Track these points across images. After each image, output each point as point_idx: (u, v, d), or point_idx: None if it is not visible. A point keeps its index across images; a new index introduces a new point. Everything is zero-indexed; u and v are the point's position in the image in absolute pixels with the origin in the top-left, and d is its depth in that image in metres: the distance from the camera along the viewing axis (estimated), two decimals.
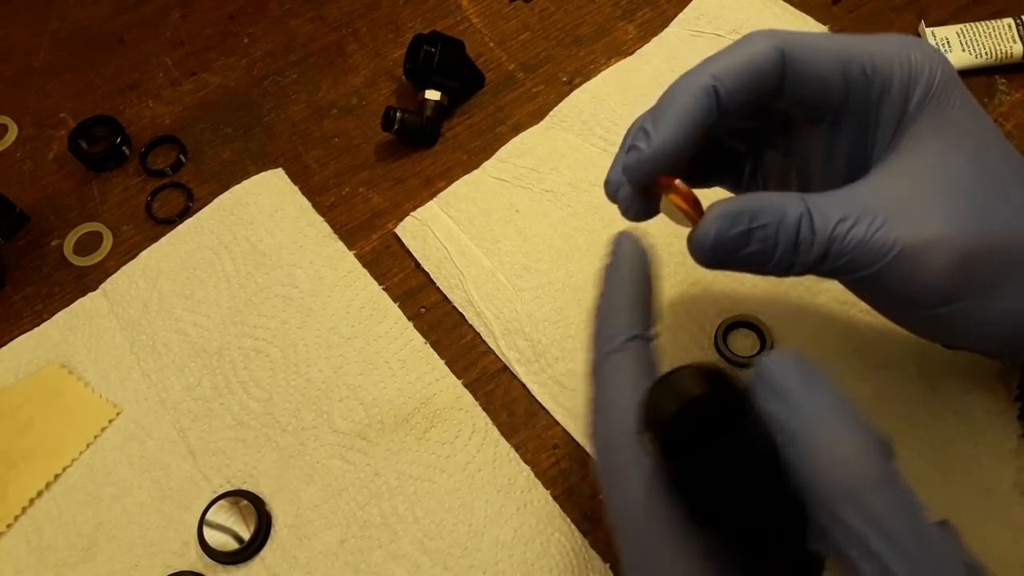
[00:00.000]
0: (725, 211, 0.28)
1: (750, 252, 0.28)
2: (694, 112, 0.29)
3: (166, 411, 0.45)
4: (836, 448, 0.22)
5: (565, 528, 0.40)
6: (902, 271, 0.28)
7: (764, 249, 0.28)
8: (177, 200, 0.53)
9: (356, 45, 0.58)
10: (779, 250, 0.28)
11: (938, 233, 0.27)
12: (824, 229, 0.28)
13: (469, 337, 0.46)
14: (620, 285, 0.29)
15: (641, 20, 0.57)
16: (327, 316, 0.46)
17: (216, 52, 0.59)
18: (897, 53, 0.29)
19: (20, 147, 0.56)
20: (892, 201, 0.28)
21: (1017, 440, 0.39)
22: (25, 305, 0.50)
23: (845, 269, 0.28)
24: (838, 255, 0.28)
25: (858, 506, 0.22)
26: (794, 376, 0.24)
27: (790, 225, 0.28)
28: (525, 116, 0.53)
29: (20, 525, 0.42)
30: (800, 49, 0.30)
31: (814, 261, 0.28)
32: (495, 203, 0.50)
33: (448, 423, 0.43)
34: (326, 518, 0.41)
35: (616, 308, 0.28)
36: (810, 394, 0.23)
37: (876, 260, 0.28)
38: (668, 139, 0.29)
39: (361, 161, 0.53)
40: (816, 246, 0.28)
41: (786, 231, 0.28)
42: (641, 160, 0.30)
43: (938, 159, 0.29)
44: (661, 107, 0.30)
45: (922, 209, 0.28)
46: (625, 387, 0.27)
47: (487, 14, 0.59)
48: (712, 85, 0.29)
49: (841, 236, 0.28)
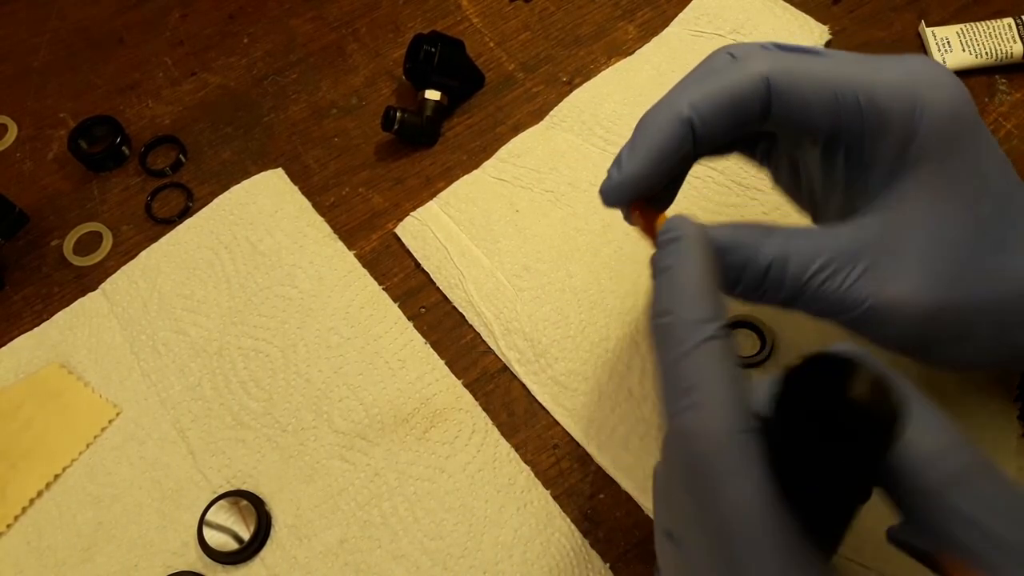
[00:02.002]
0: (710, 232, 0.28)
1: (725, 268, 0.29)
2: (666, 144, 0.30)
3: (166, 411, 0.45)
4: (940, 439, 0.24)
5: (565, 528, 0.40)
6: (871, 323, 0.28)
7: (725, 283, 0.28)
8: (177, 200, 0.53)
9: (356, 45, 0.58)
10: (742, 285, 0.28)
11: (911, 293, 0.27)
12: (799, 277, 0.28)
13: (469, 337, 0.46)
14: (697, 265, 0.27)
15: (641, 20, 0.57)
16: (327, 316, 0.46)
17: (216, 52, 0.59)
18: (904, 87, 0.28)
19: (20, 147, 0.56)
20: (875, 251, 0.28)
21: (1017, 440, 0.39)
22: (25, 305, 0.50)
23: (814, 312, 0.29)
24: (809, 302, 0.28)
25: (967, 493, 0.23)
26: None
27: (759, 266, 0.28)
28: (525, 116, 0.53)
29: (20, 525, 0.42)
30: (789, 78, 0.29)
31: (784, 302, 0.29)
32: (495, 203, 0.50)
33: (448, 423, 0.43)
34: (326, 518, 0.41)
35: (698, 290, 0.26)
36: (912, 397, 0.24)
37: (846, 311, 0.28)
38: (636, 171, 0.30)
39: (361, 161, 0.53)
40: (786, 291, 0.28)
41: (753, 271, 0.28)
42: (611, 187, 0.31)
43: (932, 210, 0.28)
44: (636, 137, 0.31)
45: (902, 265, 0.28)
46: (726, 379, 0.24)
47: (487, 14, 0.59)
48: (688, 117, 0.29)
49: (815, 287, 0.28)
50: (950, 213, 0.28)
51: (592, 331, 0.45)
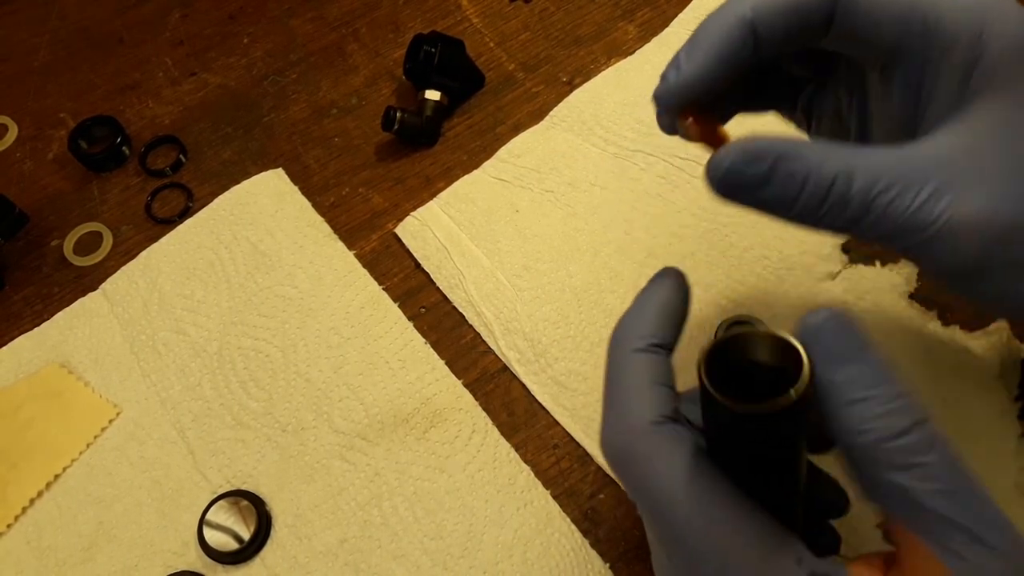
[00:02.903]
0: (747, 147, 0.26)
1: (768, 194, 0.26)
2: (727, 47, 0.28)
3: (166, 411, 0.45)
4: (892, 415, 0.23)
5: (565, 528, 0.40)
6: (937, 246, 0.26)
7: (785, 195, 0.26)
8: (177, 200, 0.53)
9: (356, 45, 0.58)
10: (803, 200, 0.26)
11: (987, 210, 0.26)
12: (865, 195, 0.26)
13: (469, 337, 0.46)
14: (657, 297, 0.29)
15: (641, 20, 0.57)
16: (327, 316, 0.46)
17: (216, 52, 0.59)
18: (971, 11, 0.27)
19: (20, 147, 0.56)
20: (947, 169, 0.26)
21: (1017, 440, 0.39)
22: (25, 305, 0.50)
23: (875, 237, 0.27)
24: (874, 225, 0.26)
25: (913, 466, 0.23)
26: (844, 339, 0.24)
27: (823, 179, 0.26)
28: (525, 116, 0.53)
29: (20, 525, 0.42)
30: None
31: (845, 223, 0.26)
32: (495, 203, 0.50)
33: (448, 423, 0.43)
34: (326, 518, 0.41)
35: (648, 316, 0.29)
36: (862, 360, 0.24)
37: (914, 232, 0.26)
38: (696, 72, 0.28)
39: (361, 161, 0.53)
40: (850, 210, 0.26)
41: (816, 183, 0.26)
42: (669, 89, 0.29)
43: (1002, 131, 0.27)
44: (695, 38, 0.29)
45: (976, 183, 0.26)
46: (648, 383, 0.27)
47: (487, 14, 0.59)
48: (750, 19, 0.28)
49: (882, 206, 0.26)
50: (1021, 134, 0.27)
51: (592, 331, 0.45)
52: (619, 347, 0.29)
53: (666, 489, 0.25)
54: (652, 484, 0.26)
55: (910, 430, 0.23)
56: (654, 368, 0.27)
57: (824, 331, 0.24)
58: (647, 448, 0.26)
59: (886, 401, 0.23)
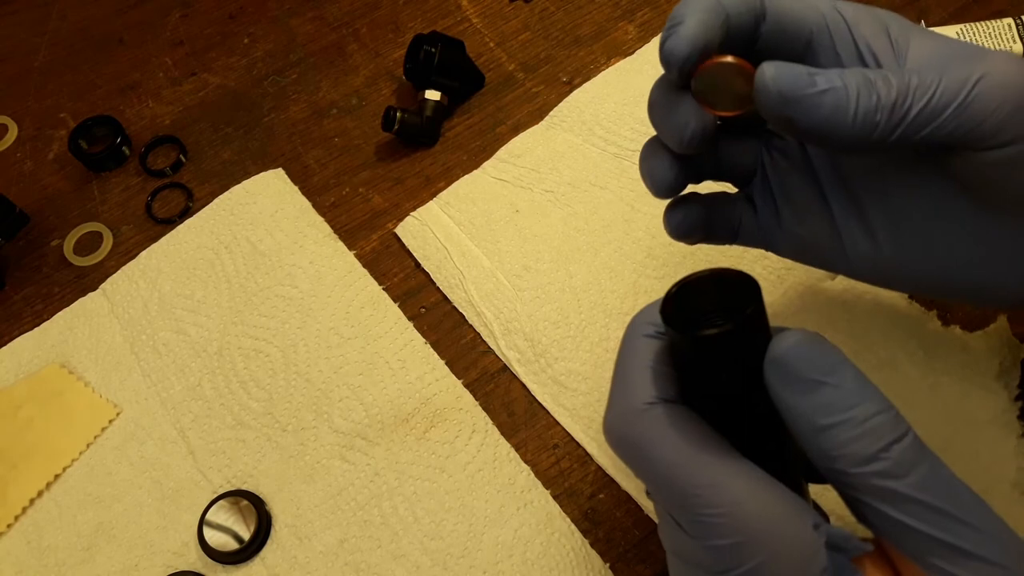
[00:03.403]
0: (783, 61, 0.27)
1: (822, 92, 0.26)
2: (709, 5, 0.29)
3: (166, 411, 0.45)
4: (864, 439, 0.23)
5: (565, 528, 0.40)
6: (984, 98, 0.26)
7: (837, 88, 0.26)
8: (177, 200, 0.53)
9: (356, 45, 0.58)
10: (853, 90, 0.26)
11: (1007, 56, 0.26)
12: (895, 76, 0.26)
13: (469, 337, 0.46)
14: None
15: (641, 20, 0.57)
16: (327, 316, 0.46)
17: (216, 52, 0.59)
18: None
19: (20, 147, 0.56)
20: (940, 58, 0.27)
21: (1017, 440, 0.39)
22: (25, 305, 0.50)
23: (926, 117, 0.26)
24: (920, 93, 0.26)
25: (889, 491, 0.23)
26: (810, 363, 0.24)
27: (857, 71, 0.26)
28: (525, 116, 0.53)
29: (20, 525, 0.42)
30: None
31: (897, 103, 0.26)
32: (495, 203, 0.50)
33: (448, 423, 0.43)
34: (326, 518, 0.41)
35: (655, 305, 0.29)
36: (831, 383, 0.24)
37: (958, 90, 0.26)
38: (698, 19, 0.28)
39: (361, 161, 0.53)
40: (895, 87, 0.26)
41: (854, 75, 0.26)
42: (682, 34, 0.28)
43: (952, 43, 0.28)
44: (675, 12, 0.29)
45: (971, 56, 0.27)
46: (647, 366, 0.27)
47: (487, 14, 0.59)
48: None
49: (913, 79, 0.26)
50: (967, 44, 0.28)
51: (592, 331, 0.45)
52: (630, 333, 0.29)
53: (666, 464, 0.25)
54: (652, 461, 0.26)
55: (885, 451, 0.23)
56: (657, 352, 0.27)
57: (789, 358, 0.24)
58: (643, 428, 0.26)
59: (856, 424, 0.23)
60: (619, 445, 0.27)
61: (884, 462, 0.23)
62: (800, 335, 0.24)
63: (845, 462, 0.23)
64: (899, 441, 0.23)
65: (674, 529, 0.26)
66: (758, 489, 0.24)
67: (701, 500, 0.24)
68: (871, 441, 0.23)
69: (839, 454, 0.23)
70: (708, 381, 0.26)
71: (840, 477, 0.24)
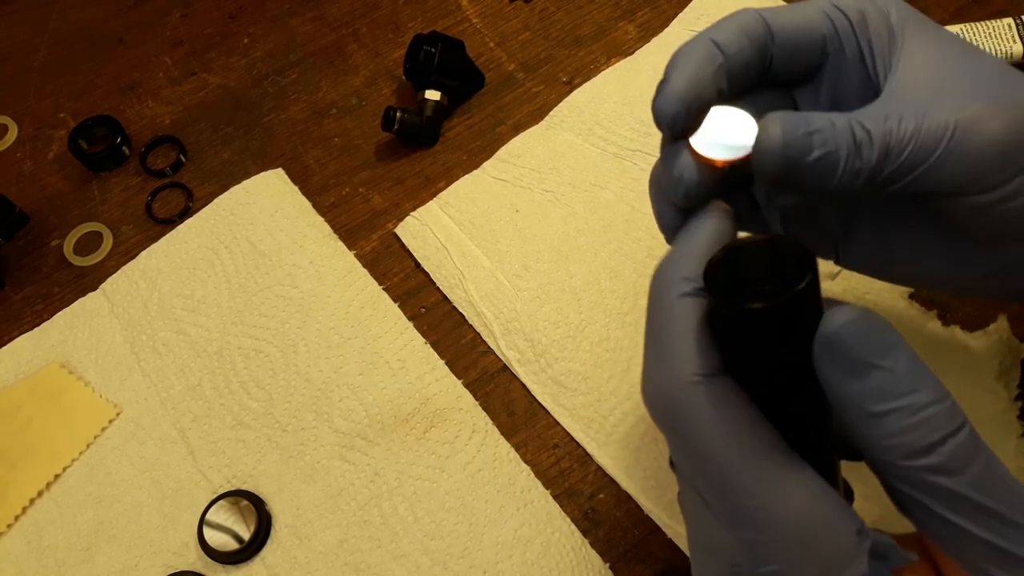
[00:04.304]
0: (782, 115, 0.27)
1: (817, 157, 0.26)
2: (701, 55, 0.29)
3: (166, 411, 0.45)
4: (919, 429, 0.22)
5: (565, 528, 0.40)
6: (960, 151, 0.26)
7: (829, 154, 0.26)
8: (177, 200, 0.53)
9: (356, 45, 0.58)
10: (842, 154, 0.26)
11: (980, 107, 0.26)
12: (877, 127, 0.26)
13: (469, 337, 0.46)
14: (705, 234, 0.27)
15: (641, 20, 0.57)
16: (327, 316, 0.46)
17: (216, 52, 0.59)
18: None
19: (20, 147, 0.56)
20: (922, 96, 0.27)
21: (1017, 440, 0.39)
22: (25, 305, 0.50)
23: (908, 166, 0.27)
24: (898, 149, 0.26)
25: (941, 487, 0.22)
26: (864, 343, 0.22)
27: (843, 128, 0.26)
28: (525, 116, 0.53)
29: (20, 525, 0.42)
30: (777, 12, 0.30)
31: (878, 162, 0.26)
32: (495, 203, 0.50)
33: (448, 423, 0.43)
34: (326, 518, 0.41)
35: (696, 254, 0.26)
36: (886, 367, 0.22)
37: (935, 145, 0.26)
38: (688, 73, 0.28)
39: (361, 161, 0.53)
40: (876, 144, 0.26)
41: (842, 133, 0.26)
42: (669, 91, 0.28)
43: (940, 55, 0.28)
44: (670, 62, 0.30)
45: (954, 94, 0.27)
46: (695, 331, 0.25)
47: (487, 14, 0.59)
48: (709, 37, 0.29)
49: (895, 130, 0.26)
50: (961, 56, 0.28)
51: (592, 331, 0.45)
52: (664, 290, 0.26)
53: (717, 448, 0.23)
54: (696, 440, 0.24)
55: (940, 445, 0.21)
56: (700, 315, 0.25)
57: (841, 337, 0.22)
58: (691, 404, 0.24)
59: (909, 413, 0.21)
60: (662, 417, 0.25)
61: (937, 456, 0.21)
62: (855, 311, 0.22)
63: (895, 454, 0.22)
64: (955, 435, 0.21)
65: (701, 509, 0.25)
66: (803, 487, 0.23)
67: (742, 490, 0.23)
68: (924, 433, 0.21)
69: (889, 444, 0.22)
70: (750, 356, 0.24)
71: (888, 468, 0.22)
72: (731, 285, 0.23)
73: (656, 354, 0.26)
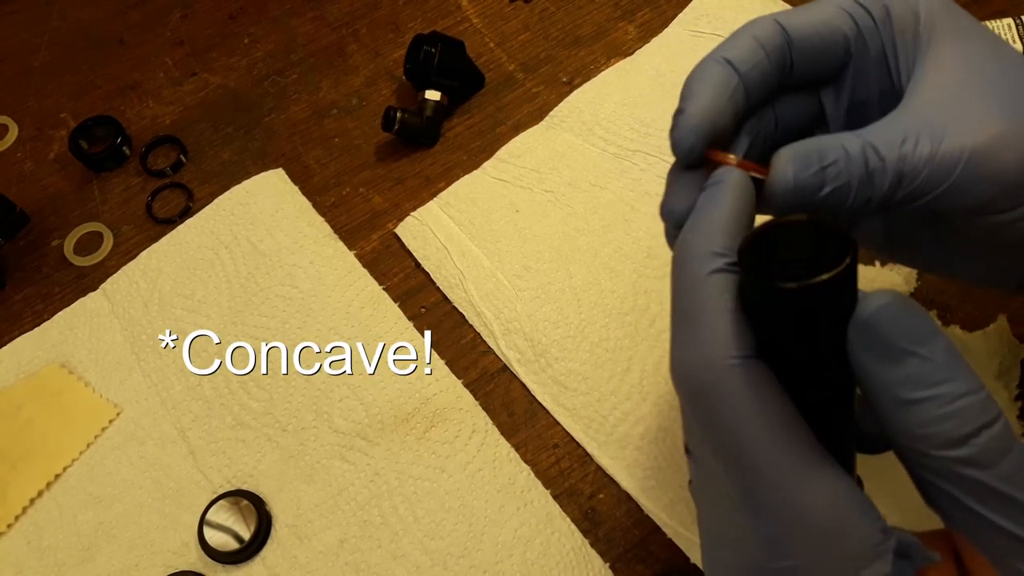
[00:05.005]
0: (794, 153, 0.26)
1: (829, 192, 0.26)
2: (715, 81, 0.28)
3: (166, 411, 0.45)
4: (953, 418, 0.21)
5: (565, 528, 0.40)
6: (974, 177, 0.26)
7: (840, 187, 0.26)
8: (177, 200, 0.53)
9: (356, 45, 0.58)
10: (854, 184, 0.26)
11: (1000, 130, 0.26)
12: (891, 153, 0.26)
13: (469, 337, 0.46)
14: (728, 203, 0.26)
15: (641, 20, 0.57)
16: (327, 316, 0.46)
17: (216, 52, 0.59)
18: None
19: (20, 147, 0.56)
20: (942, 113, 0.26)
21: None
22: (25, 305, 0.50)
23: (921, 191, 0.26)
24: (912, 176, 0.26)
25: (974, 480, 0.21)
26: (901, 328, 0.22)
27: (856, 157, 0.26)
28: (525, 116, 0.53)
29: (20, 525, 0.42)
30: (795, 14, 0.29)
31: (890, 188, 0.26)
32: (495, 203, 0.50)
33: (448, 423, 0.43)
34: (326, 518, 0.41)
35: (721, 226, 0.25)
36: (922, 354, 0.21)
37: (949, 173, 0.26)
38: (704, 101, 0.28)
39: (361, 161, 0.53)
40: (889, 172, 0.26)
41: (855, 163, 0.26)
42: (684, 125, 0.28)
43: (966, 62, 0.27)
44: (685, 88, 0.29)
45: (974, 112, 0.26)
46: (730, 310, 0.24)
47: (487, 14, 0.59)
48: (722, 56, 0.29)
49: (909, 155, 0.26)
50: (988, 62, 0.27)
51: (592, 331, 0.45)
52: (692, 265, 0.25)
53: (750, 436, 0.23)
54: (734, 428, 0.23)
55: (974, 436, 0.21)
56: (728, 291, 0.24)
57: (878, 322, 0.22)
58: (727, 387, 0.23)
59: (945, 403, 0.21)
60: (693, 399, 0.25)
61: (970, 448, 0.21)
62: (891, 297, 0.22)
63: (927, 443, 0.21)
64: (989, 427, 0.21)
65: (719, 498, 0.25)
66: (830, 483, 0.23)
67: (771, 481, 0.23)
68: (959, 423, 0.21)
69: (922, 433, 0.21)
70: (782, 338, 0.24)
71: (918, 458, 0.22)
72: (766, 264, 0.22)
73: (688, 333, 0.25)
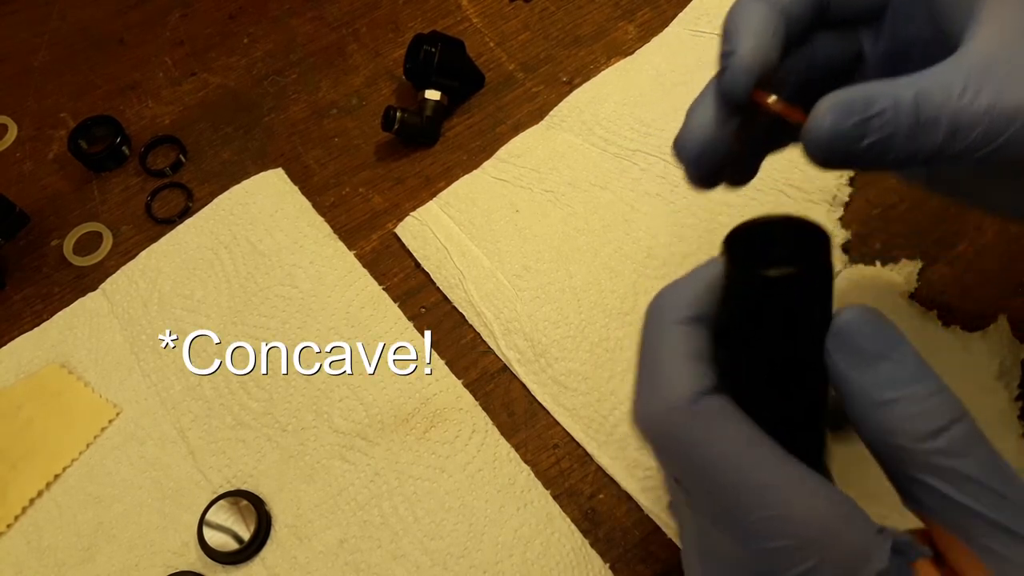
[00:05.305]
0: (836, 101, 0.26)
1: (870, 144, 0.26)
2: (761, 17, 0.28)
3: (166, 411, 0.45)
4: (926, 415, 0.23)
5: (565, 528, 0.40)
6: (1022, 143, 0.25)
7: (884, 139, 0.26)
8: (177, 200, 0.53)
9: (356, 45, 0.58)
10: (900, 138, 0.26)
11: None
12: (948, 104, 0.25)
13: (469, 337, 0.46)
14: (705, 275, 0.27)
15: (641, 20, 0.57)
16: (327, 316, 0.46)
17: (216, 52, 0.59)
18: None
19: (20, 147, 0.56)
20: (1004, 63, 0.26)
21: (1017, 440, 0.39)
22: (25, 305, 0.50)
23: (974, 147, 0.25)
24: (967, 131, 0.25)
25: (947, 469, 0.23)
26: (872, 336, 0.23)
27: (907, 107, 0.25)
28: (525, 116, 0.53)
29: (20, 525, 0.42)
30: None
31: (944, 142, 0.25)
32: (495, 203, 0.50)
33: (448, 423, 0.43)
34: (326, 518, 0.41)
35: (693, 289, 0.27)
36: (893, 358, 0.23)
37: (1005, 128, 0.25)
38: (753, 40, 0.28)
39: (361, 161, 0.53)
40: (943, 125, 0.25)
41: (905, 114, 0.25)
42: (738, 67, 0.28)
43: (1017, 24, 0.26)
44: (727, 27, 0.29)
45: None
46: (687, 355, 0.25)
47: (487, 14, 0.59)
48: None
49: (967, 108, 0.25)
50: None
51: (592, 331, 0.45)
52: (658, 318, 0.27)
53: (715, 465, 0.24)
54: (698, 461, 0.24)
55: (945, 429, 0.23)
56: (694, 341, 0.26)
57: (853, 329, 0.24)
58: (690, 427, 0.24)
59: (918, 400, 0.23)
60: (659, 442, 0.26)
61: (944, 439, 0.23)
62: (863, 309, 0.24)
63: (905, 437, 0.23)
64: (959, 421, 0.23)
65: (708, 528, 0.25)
66: (812, 488, 0.24)
67: (754, 501, 0.23)
68: (932, 418, 0.23)
69: (900, 428, 0.23)
70: (762, 337, 0.24)
71: (897, 453, 0.23)
72: (749, 256, 0.24)
73: (649, 380, 0.26)
